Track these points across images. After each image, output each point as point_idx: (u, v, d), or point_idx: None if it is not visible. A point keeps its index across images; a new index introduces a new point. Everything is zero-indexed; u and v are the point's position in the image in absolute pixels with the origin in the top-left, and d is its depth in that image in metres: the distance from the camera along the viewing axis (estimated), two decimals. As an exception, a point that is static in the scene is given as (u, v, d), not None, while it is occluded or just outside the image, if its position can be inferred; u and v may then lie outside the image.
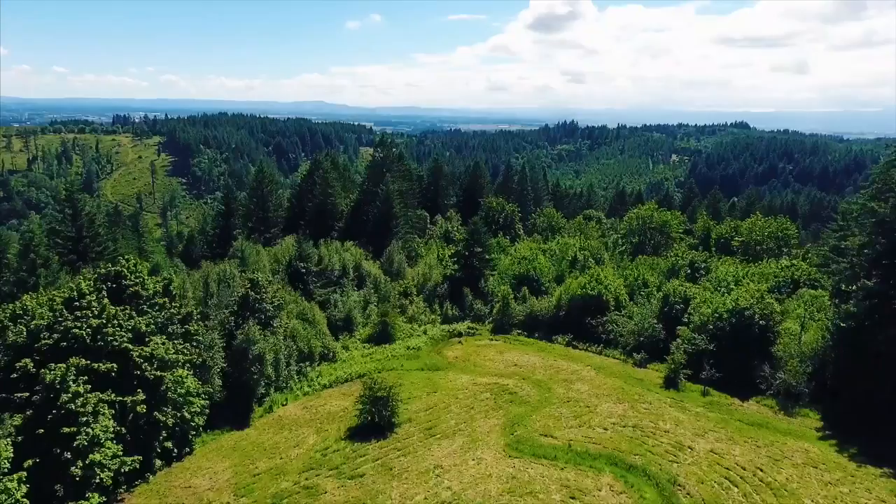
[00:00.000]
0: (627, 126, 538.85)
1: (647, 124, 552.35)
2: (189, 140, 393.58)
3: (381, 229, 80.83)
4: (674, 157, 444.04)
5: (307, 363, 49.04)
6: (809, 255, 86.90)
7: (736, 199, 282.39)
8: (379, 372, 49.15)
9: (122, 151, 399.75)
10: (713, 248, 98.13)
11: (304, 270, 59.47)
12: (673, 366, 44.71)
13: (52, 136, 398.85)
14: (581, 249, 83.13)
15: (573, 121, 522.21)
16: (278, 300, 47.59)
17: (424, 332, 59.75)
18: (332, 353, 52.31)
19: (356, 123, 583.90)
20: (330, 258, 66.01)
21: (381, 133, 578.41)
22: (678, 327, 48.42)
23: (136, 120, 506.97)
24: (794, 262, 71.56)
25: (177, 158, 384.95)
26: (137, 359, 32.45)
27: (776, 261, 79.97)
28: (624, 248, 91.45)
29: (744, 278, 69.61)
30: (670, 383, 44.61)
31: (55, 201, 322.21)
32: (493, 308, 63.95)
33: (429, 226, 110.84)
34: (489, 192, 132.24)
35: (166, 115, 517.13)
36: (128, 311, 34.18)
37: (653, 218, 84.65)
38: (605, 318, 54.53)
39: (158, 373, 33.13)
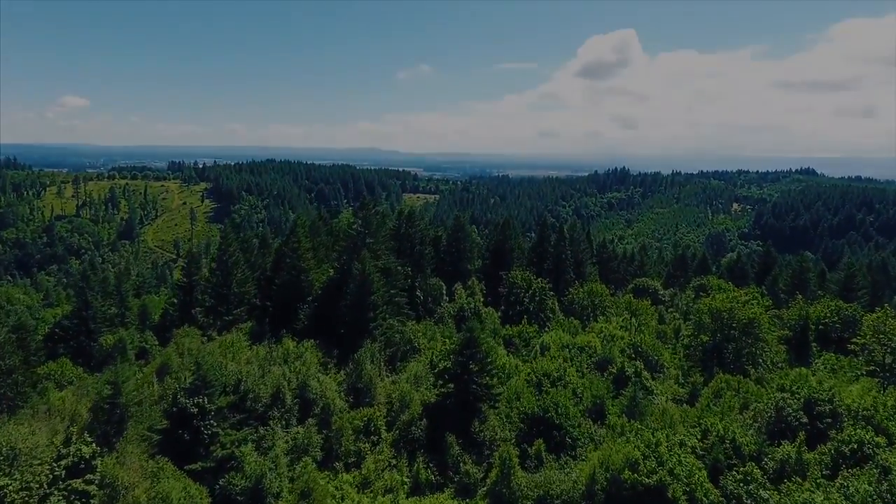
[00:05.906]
0: (683, 172, 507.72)
1: (704, 171, 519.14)
2: (232, 187, 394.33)
3: (355, 321, 60.01)
4: (735, 205, 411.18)
5: None
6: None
7: (812, 255, 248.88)
8: None
9: (168, 197, 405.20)
10: (813, 341, 73.00)
11: (195, 412, 38.74)
12: None
13: (105, 182, 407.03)
14: (631, 354, 59.84)
15: (624, 167, 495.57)
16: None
17: (375, 517, 37.68)
18: (195, 579, 30.90)
19: (401, 169, 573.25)
20: (255, 380, 45.35)
21: (427, 178, 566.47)
22: None
23: (189, 165, 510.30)
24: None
25: (219, 205, 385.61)
26: None
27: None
28: (691, 348, 66.91)
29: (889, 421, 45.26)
30: None
31: (95, 247, 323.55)
32: (488, 471, 41.34)
33: (445, 297, 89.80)
34: (522, 255, 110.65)
35: (215, 161, 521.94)
36: None
37: (734, 313, 59.88)
38: (672, 538, 30.96)
39: None
